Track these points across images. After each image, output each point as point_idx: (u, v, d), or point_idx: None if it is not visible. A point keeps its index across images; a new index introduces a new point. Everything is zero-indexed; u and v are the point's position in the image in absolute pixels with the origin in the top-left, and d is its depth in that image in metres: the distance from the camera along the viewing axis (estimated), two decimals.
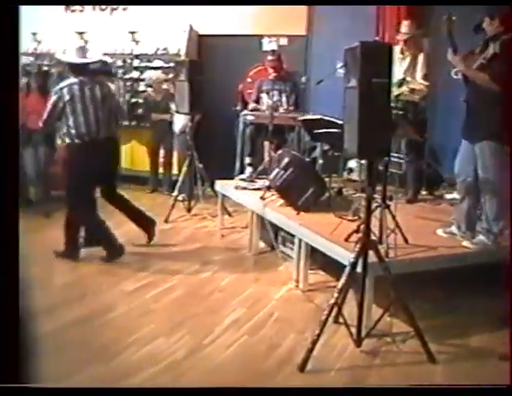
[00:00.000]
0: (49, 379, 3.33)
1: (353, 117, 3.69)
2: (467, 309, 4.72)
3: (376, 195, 4.45)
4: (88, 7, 9.90)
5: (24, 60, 9.54)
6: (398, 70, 6.10)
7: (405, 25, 6.43)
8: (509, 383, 2.63)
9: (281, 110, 7.29)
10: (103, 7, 9.78)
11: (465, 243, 4.72)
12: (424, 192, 6.70)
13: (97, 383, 3.42)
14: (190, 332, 4.13)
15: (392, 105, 4.61)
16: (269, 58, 7.77)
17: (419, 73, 6.26)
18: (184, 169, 7.52)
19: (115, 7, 9.73)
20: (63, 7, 9.86)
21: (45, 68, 9.31)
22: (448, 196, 6.41)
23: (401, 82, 6.09)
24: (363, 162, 5.43)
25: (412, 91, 6.08)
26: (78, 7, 9.90)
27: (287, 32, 9.06)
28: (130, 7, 9.60)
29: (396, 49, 6.17)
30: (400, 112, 5.23)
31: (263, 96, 7.63)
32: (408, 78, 6.16)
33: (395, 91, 5.75)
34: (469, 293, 4.92)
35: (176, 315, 4.48)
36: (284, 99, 7.53)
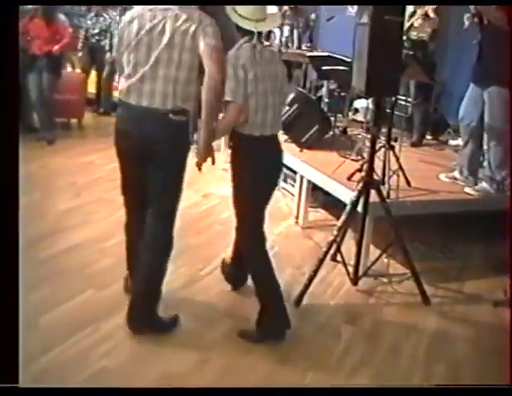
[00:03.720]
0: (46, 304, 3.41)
1: (362, 54, 3.63)
2: (465, 255, 4.76)
3: (381, 137, 4.42)
4: None
5: None
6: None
7: None
8: (509, 383, 2.65)
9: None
10: None
11: (467, 190, 4.71)
12: (428, 137, 6.66)
13: (91, 310, 3.46)
14: (188, 263, 4.14)
15: None
16: None
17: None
18: None
19: None
20: None
21: None
22: (453, 142, 6.38)
23: (413, 13, 5.94)
24: (370, 102, 5.40)
25: (425, 17, 5.91)
26: None
27: None
28: None
29: None
30: (410, 52, 5.13)
31: (275, 30, 7.50)
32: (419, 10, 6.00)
33: (407, 22, 5.58)
34: (467, 239, 4.95)
35: (175, 246, 4.46)
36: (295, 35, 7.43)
